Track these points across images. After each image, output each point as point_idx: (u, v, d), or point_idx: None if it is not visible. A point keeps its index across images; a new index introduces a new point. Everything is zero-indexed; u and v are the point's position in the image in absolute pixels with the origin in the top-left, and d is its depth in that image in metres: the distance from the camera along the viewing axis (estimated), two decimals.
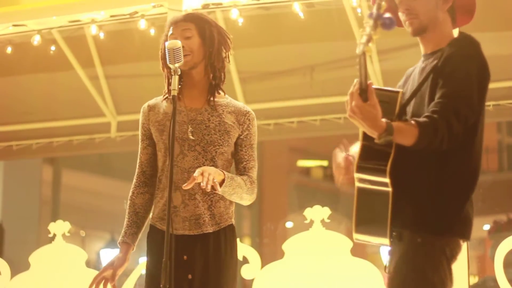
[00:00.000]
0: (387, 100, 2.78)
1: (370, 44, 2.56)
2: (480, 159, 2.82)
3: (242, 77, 7.81)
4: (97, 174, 14.64)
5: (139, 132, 3.48)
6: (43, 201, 13.75)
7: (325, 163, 15.96)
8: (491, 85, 2.81)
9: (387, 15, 2.53)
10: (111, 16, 6.95)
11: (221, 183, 3.22)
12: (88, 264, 5.19)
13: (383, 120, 2.61)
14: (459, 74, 2.70)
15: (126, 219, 3.45)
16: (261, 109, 7.88)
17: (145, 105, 3.49)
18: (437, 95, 2.70)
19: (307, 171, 16.17)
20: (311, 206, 4.83)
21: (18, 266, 5.46)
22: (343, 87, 3.39)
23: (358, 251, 4.79)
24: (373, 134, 2.63)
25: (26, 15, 6.58)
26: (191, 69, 3.35)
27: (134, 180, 3.46)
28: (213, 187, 3.15)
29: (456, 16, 2.94)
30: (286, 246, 4.86)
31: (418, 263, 2.69)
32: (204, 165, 3.29)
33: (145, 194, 3.44)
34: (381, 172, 2.70)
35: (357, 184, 2.81)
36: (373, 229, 2.80)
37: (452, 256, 2.74)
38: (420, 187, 2.75)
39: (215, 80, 3.41)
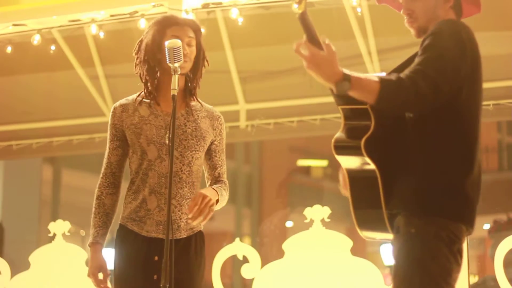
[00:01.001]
0: None
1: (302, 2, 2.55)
2: (475, 140, 2.78)
3: (242, 76, 7.81)
4: (97, 173, 14.58)
5: (108, 132, 3.46)
6: (43, 201, 13.75)
7: (325, 162, 15.95)
8: (491, 85, 2.82)
9: None
10: (111, 16, 6.95)
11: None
12: (88, 263, 5.18)
13: (340, 68, 2.60)
14: (431, 47, 2.71)
15: (96, 219, 3.45)
16: (261, 108, 7.89)
17: (117, 104, 3.46)
18: None
19: (307, 170, 16.15)
20: (311, 206, 4.83)
21: (18, 266, 5.46)
22: None
23: (358, 250, 4.79)
24: (330, 82, 2.60)
25: (26, 14, 6.58)
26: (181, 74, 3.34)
27: (102, 180, 3.46)
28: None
29: (462, 10, 2.94)
30: (286, 245, 4.86)
31: (416, 255, 2.67)
32: (182, 170, 3.32)
33: (113, 195, 3.45)
34: (357, 149, 2.69)
35: (344, 166, 2.81)
36: (372, 219, 2.79)
37: (451, 240, 2.68)
38: (409, 168, 2.73)
39: (195, 88, 3.43)
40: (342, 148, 2.78)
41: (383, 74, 2.82)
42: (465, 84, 2.73)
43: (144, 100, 3.43)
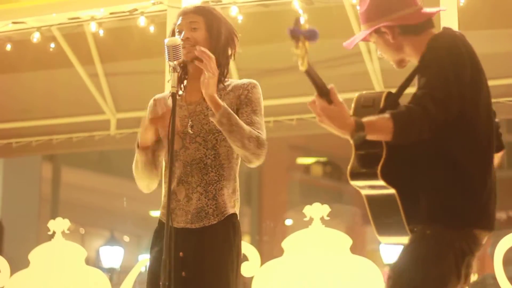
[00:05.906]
0: (371, 104, 2.79)
1: (306, 57, 2.52)
2: (489, 147, 2.82)
3: (241, 74, 7.79)
4: (96, 171, 14.65)
5: None
6: (43, 199, 13.76)
7: (324, 160, 15.95)
8: (490, 83, 2.82)
9: (307, 28, 2.50)
10: (111, 13, 6.95)
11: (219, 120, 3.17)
12: (88, 261, 5.18)
13: (352, 118, 2.61)
14: (432, 66, 2.72)
15: None
16: None
17: (152, 99, 3.48)
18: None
19: (306, 168, 16.17)
20: (311, 204, 4.83)
21: (18, 264, 5.46)
22: (342, 84, 3.39)
23: (358, 248, 4.79)
24: (345, 134, 2.62)
25: (25, 12, 6.58)
26: (194, 59, 3.27)
27: None
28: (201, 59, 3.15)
29: (409, 25, 2.91)
30: (285, 243, 4.86)
31: (420, 253, 2.69)
32: (206, 155, 3.28)
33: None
34: (373, 176, 2.71)
35: (361, 191, 2.83)
36: (393, 232, 2.82)
37: (463, 251, 2.71)
38: (426, 183, 2.74)
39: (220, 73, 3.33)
40: (357, 175, 2.78)
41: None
42: (467, 95, 2.73)
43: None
